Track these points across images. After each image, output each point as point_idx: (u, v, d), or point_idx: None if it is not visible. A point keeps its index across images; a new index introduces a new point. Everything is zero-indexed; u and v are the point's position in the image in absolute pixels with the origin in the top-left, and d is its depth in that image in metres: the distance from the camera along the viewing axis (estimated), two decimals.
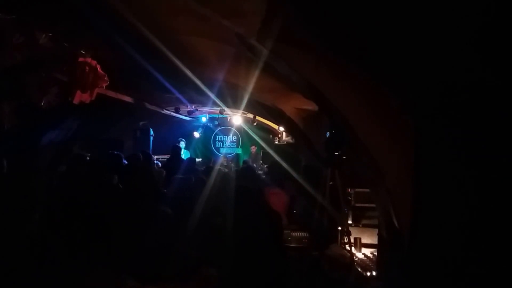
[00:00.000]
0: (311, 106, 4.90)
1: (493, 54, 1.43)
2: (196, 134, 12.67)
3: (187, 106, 9.71)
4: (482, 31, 1.39)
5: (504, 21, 1.27)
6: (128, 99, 7.00)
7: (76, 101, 4.97)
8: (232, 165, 10.43)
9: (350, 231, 4.05)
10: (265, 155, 10.46)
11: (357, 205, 4.40)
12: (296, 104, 5.44)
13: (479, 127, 1.62)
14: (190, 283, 1.77)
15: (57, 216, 2.29)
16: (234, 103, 7.68)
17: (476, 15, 1.35)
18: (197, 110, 10.36)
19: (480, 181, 1.64)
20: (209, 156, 12.26)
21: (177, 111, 9.80)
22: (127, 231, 2.09)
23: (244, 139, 13.28)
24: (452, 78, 1.73)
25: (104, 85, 5.17)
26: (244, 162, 8.31)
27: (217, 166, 5.19)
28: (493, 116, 1.54)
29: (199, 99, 8.15)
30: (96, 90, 5.18)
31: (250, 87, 4.81)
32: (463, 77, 1.66)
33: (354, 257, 3.88)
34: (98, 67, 4.93)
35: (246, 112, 10.17)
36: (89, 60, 4.82)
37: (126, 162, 4.75)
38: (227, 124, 12.94)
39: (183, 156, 8.20)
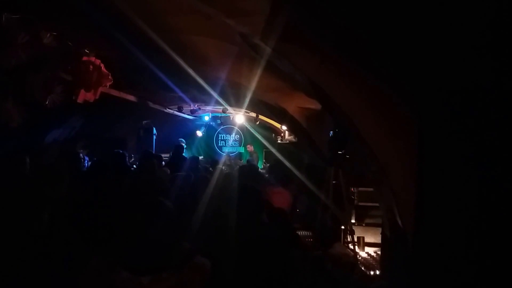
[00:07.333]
0: (314, 105, 4.90)
1: (497, 54, 1.42)
2: (199, 133, 12.69)
3: (190, 105, 9.73)
4: (486, 32, 1.39)
5: (509, 23, 1.27)
6: (131, 98, 7.01)
7: (80, 100, 5.00)
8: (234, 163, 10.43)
9: (353, 230, 4.05)
10: (268, 154, 10.45)
11: (361, 204, 4.39)
12: (299, 103, 5.43)
13: (483, 126, 1.62)
14: (183, 272, 1.77)
15: (65, 213, 2.31)
16: (236, 102, 7.68)
17: (482, 16, 1.35)
18: (200, 109, 10.37)
19: (484, 180, 1.64)
20: (212, 155, 12.27)
21: (180, 110, 9.82)
22: (123, 224, 2.10)
23: (247, 138, 13.27)
24: (455, 77, 1.73)
25: (108, 84, 5.19)
26: (248, 161, 8.32)
27: (220, 165, 5.20)
28: (496, 114, 1.53)
29: (202, 98, 8.16)
30: (100, 89, 5.21)
31: (253, 86, 4.81)
32: (467, 75, 1.66)
33: (358, 256, 3.88)
34: (102, 66, 4.95)
35: (248, 111, 10.17)
36: (93, 59, 4.84)
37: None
38: (230, 123, 12.93)
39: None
